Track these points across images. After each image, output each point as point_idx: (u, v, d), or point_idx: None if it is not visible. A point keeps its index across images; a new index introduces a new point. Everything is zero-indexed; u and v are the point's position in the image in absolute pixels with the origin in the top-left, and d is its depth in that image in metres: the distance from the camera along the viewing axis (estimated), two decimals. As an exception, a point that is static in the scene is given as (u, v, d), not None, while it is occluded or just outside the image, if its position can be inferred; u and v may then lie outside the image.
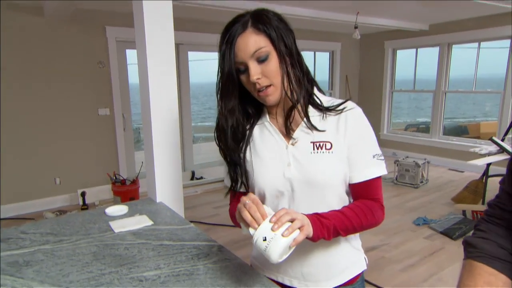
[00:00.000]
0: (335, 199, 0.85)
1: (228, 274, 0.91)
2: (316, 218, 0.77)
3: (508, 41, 4.29)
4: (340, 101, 0.86)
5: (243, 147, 0.90)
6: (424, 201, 3.72)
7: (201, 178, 4.47)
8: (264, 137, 0.89)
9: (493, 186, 3.67)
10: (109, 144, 3.92)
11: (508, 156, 3.00)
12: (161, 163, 1.49)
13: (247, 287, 0.85)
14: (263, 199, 0.90)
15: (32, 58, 3.39)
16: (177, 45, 4.20)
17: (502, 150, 3.01)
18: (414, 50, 5.43)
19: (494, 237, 0.62)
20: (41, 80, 3.46)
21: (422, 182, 4.24)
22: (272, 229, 0.68)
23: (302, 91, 0.84)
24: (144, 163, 1.59)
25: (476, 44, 4.74)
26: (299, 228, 0.70)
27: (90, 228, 1.21)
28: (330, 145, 0.82)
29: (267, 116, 0.90)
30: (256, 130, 0.91)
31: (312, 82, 0.87)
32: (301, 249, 0.87)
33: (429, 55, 5.29)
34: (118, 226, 1.21)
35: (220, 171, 4.29)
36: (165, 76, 1.44)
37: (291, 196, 0.86)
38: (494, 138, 3.05)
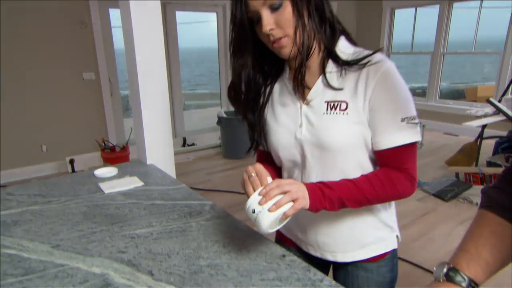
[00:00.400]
0: (351, 166, 0.79)
1: (222, 231, 0.93)
2: (318, 189, 0.73)
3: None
4: (367, 52, 0.76)
5: (262, 106, 0.87)
6: (418, 165, 3.75)
7: (193, 144, 4.47)
8: (283, 95, 0.85)
9: (487, 149, 3.73)
10: (97, 110, 3.85)
11: (504, 117, 3.03)
12: (150, 124, 1.47)
13: (240, 242, 0.87)
14: (280, 163, 0.89)
15: (7, 18, 3.22)
16: (163, 4, 4.02)
17: (499, 111, 3.03)
18: (413, 9, 5.29)
19: (511, 187, 0.59)
20: (20, 43, 3.31)
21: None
22: (260, 203, 0.68)
23: (319, 44, 0.77)
24: (133, 128, 1.56)
25: (477, 3, 4.62)
26: (293, 201, 0.69)
27: (79, 189, 1.20)
28: (345, 105, 0.75)
29: (288, 72, 0.84)
30: (277, 87, 0.87)
31: (335, 33, 0.78)
32: (315, 217, 0.84)
33: (428, 17, 5.16)
34: (108, 187, 1.21)
35: (212, 137, 4.26)
36: (151, 38, 1.38)
37: (303, 161, 0.82)
38: (491, 99, 3.06)
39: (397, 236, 0.91)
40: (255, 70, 0.82)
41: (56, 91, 3.58)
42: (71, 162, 3.62)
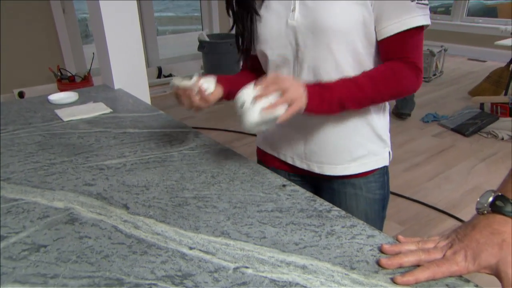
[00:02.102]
0: (346, 57, 0.79)
1: (209, 160, 0.90)
2: (316, 90, 0.74)
3: None
4: None
5: None
6: (435, 96, 3.77)
7: (170, 75, 4.33)
8: None
9: (519, 76, 3.70)
10: (47, 31, 3.62)
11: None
12: (116, 40, 1.37)
13: (232, 172, 0.84)
14: (266, 61, 0.87)
15: None
16: None
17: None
18: None
19: None
20: None
21: (435, 74, 4.24)
22: (254, 98, 0.70)
23: None
24: (96, 50, 1.45)
25: None
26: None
27: (31, 117, 1.15)
28: None
29: None
30: None
31: None
32: (305, 123, 0.87)
33: None
34: (67, 114, 1.15)
35: (193, 66, 4.11)
36: None
37: (294, 52, 0.82)
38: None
39: (389, 153, 0.94)
40: None
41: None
42: (21, 95, 3.50)
